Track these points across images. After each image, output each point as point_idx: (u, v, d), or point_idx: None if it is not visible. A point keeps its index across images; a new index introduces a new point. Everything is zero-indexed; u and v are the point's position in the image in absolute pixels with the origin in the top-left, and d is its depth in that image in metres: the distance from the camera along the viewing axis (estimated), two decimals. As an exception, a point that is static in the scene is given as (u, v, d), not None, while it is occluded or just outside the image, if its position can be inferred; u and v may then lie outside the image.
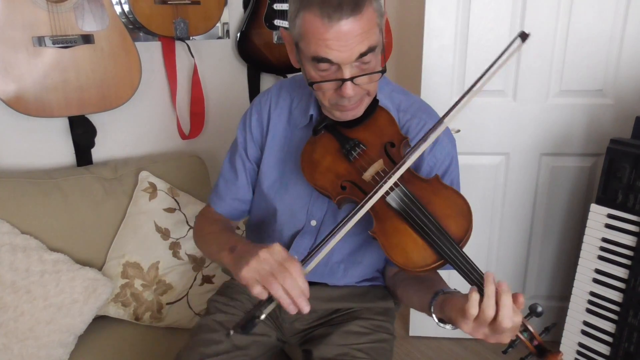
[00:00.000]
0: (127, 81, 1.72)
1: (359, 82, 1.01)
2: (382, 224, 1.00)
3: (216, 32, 2.01)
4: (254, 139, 1.28)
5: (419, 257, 0.97)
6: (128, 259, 1.66)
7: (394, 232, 0.99)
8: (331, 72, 1.00)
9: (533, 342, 0.91)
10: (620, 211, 1.68)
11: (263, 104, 1.28)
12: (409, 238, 0.98)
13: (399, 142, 1.08)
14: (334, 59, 0.97)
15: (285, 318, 1.33)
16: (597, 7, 1.83)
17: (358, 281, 1.31)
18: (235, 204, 1.34)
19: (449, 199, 1.01)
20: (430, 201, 0.99)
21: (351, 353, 1.21)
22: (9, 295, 1.46)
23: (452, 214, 0.98)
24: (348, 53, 0.96)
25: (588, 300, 1.78)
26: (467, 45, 1.94)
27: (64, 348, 1.50)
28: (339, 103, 1.05)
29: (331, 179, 1.08)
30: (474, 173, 2.09)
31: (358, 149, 1.08)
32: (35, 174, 1.67)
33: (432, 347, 2.30)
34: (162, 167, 1.83)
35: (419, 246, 0.97)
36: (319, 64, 0.99)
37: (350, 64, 0.98)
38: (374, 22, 0.98)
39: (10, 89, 1.56)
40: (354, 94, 1.02)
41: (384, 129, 1.10)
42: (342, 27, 0.93)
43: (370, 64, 1.01)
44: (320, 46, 0.96)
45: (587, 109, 1.96)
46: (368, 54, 0.98)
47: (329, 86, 1.02)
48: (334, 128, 1.12)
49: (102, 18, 1.63)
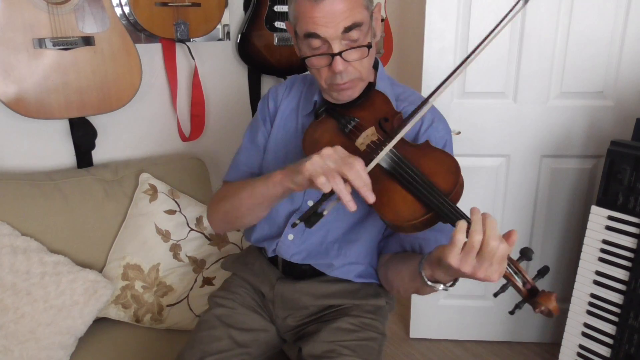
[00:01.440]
0: (127, 83, 1.72)
1: (347, 57, 1.09)
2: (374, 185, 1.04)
3: (217, 34, 2.01)
4: (270, 117, 1.36)
5: (408, 211, 1.01)
6: (128, 261, 1.66)
7: (384, 191, 1.04)
8: (323, 49, 1.10)
9: (525, 285, 0.91)
10: (621, 213, 1.68)
11: (279, 91, 1.38)
12: (398, 194, 1.03)
13: (392, 117, 1.15)
14: (322, 33, 1.07)
15: (278, 314, 1.35)
16: (598, 9, 1.84)
17: (355, 274, 1.31)
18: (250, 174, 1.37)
19: (438, 158, 1.06)
20: (420, 162, 1.05)
21: (338, 350, 1.21)
22: (9, 297, 1.46)
23: (440, 171, 1.03)
24: (334, 28, 1.06)
25: (588, 302, 1.78)
26: (467, 47, 1.94)
27: (65, 350, 1.50)
28: (333, 82, 1.13)
29: None
30: (475, 175, 2.09)
31: (353, 122, 1.15)
32: (36, 176, 1.67)
33: (433, 348, 2.30)
34: (162, 169, 1.83)
35: (408, 201, 1.01)
36: (311, 40, 1.09)
37: (339, 41, 1.08)
38: (359, 1, 1.08)
39: (10, 91, 1.56)
40: (343, 69, 1.10)
41: (379, 107, 1.18)
42: (326, 5, 1.05)
43: (358, 41, 1.10)
44: (309, 23, 1.07)
45: (587, 110, 1.96)
46: (353, 30, 1.08)
47: (321, 62, 1.12)
48: (333, 110, 1.20)
49: (103, 20, 1.63)
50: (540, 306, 0.88)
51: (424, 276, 1.00)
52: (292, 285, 1.32)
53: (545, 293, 0.88)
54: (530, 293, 0.90)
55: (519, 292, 0.91)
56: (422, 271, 1.01)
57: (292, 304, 1.32)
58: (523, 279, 0.90)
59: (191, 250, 1.72)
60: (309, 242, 1.28)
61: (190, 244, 1.72)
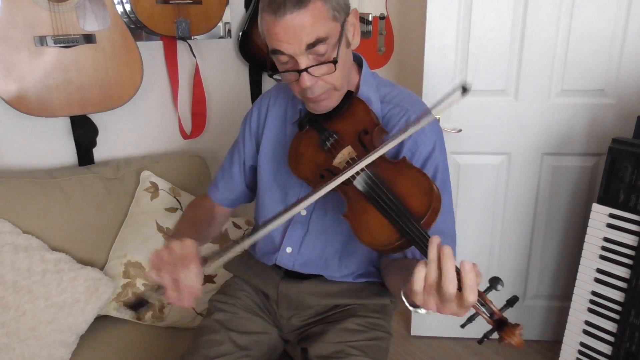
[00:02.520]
0: (128, 81, 1.72)
1: (314, 72, 1.06)
2: (351, 206, 1.05)
3: (218, 32, 2.01)
4: (251, 133, 1.36)
5: (383, 235, 1.00)
6: (130, 259, 1.66)
7: (361, 213, 1.03)
8: (291, 65, 1.08)
9: (493, 317, 0.88)
10: (622, 211, 1.68)
11: (263, 102, 1.36)
12: (374, 218, 1.01)
13: (371, 128, 1.12)
14: (285, 50, 1.04)
15: (282, 314, 1.34)
16: (599, 7, 1.83)
17: (354, 275, 1.31)
18: (226, 193, 1.43)
19: (413, 178, 1.03)
20: (395, 182, 1.03)
21: (346, 350, 1.21)
22: (10, 295, 1.46)
23: (414, 193, 1.01)
24: (296, 44, 1.03)
25: (590, 299, 1.78)
26: (468, 45, 1.93)
27: (66, 348, 1.50)
28: (305, 95, 1.12)
29: (312, 169, 1.15)
30: (476, 173, 2.09)
31: (332, 139, 1.14)
32: (37, 174, 1.67)
33: (434, 346, 2.30)
34: (163, 166, 1.83)
35: (384, 225, 1.00)
36: (278, 56, 1.07)
37: (306, 56, 1.05)
38: (323, 15, 1.04)
39: (12, 89, 1.56)
40: (311, 85, 1.08)
41: (359, 118, 1.15)
42: (287, 21, 1.01)
43: (325, 55, 1.06)
44: (273, 40, 1.05)
45: (588, 108, 1.95)
46: (318, 45, 1.04)
47: (290, 77, 1.10)
48: (315, 122, 1.19)
49: (104, 18, 1.63)
50: (504, 340, 0.86)
51: (405, 302, 0.99)
52: (296, 285, 1.32)
53: (510, 328, 0.86)
54: (497, 324, 0.88)
55: (487, 322, 0.89)
56: (403, 297, 1.00)
57: (296, 303, 1.32)
58: (490, 311, 0.88)
59: (192, 248, 1.72)
60: (308, 255, 1.28)
61: (191, 242, 1.72)
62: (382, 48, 2.29)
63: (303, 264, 1.29)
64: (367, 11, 2.21)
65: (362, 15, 2.19)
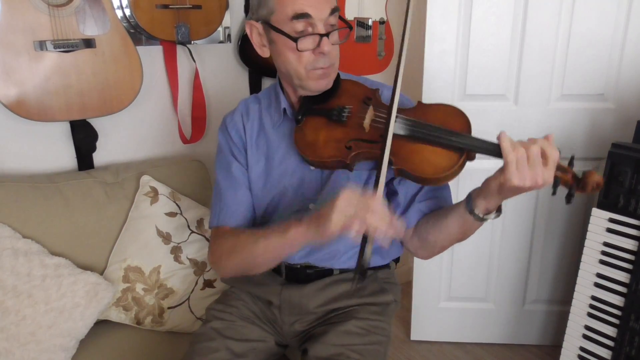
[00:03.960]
0: (128, 85, 1.72)
1: (331, 39, 1.14)
2: (399, 154, 1.09)
3: (217, 37, 2.01)
4: (239, 148, 1.34)
5: (445, 160, 1.08)
6: (129, 263, 1.66)
7: (413, 154, 1.10)
8: (307, 32, 1.13)
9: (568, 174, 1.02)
10: (622, 215, 1.68)
11: (235, 118, 1.37)
12: (427, 151, 1.09)
13: (372, 94, 1.21)
14: (313, 13, 1.10)
15: (285, 320, 1.34)
16: (599, 12, 1.84)
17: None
18: (246, 213, 1.33)
19: (439, 110, 1.15)
20: (428, 117, 1.13)
21: (346, 353, 1.21)
22: (10, 300, 1.46)
23: (448, 118, 1.12)
24: (322, 7, 1.11)
25: (589, 304, 1.78)
26: (468, 50, 1.94)
27: (66, 352, 1.50)
28: (316, 66, 1.15)
29: (334, 146, 1.16)
30: (476, 177, 2.08)
31: (346, 111, 1.18)
32: (37, 178, 1.67)
33: (434, 351, 2.30)
34: (163, 171, 1.83)
35: (440, 153, 1.09)
36: (298, 21, 1.11)
37: (324, 22, 1.12)
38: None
39: (11, 93, 1.56)
40: (329, 51, 1.13)
41: (355, 91, 1.23)
42: None
43: (335, 25, 1.16)
44: (297, 4, 1.10)
45: (588, 113, 1.96)
46: (334, 14, 1.14)
47: (307, 45, 1.13)
48: (312, 110, 1.21)
49: (104, 22, 1.63)
50: (588, 185, 1.00)
51: (478, 213, 1.09)
52: (298, 291, 1.32)
53: (586, 173, 1.00)
54: (575, 179, 1.02)
55: (567, 183, 1.02)
56: (474, 209, 1.09)
57: (299, 309, 1.32)
58: (563, 171, 1.01)
59: (192, 253, 1.72)
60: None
61: (191, 247, 1.72)
62: (382, 52, 2.29)
63: (307, 254, 1.29)
64: (366, 16, 2.21)
65: (362, 20, 2.19)
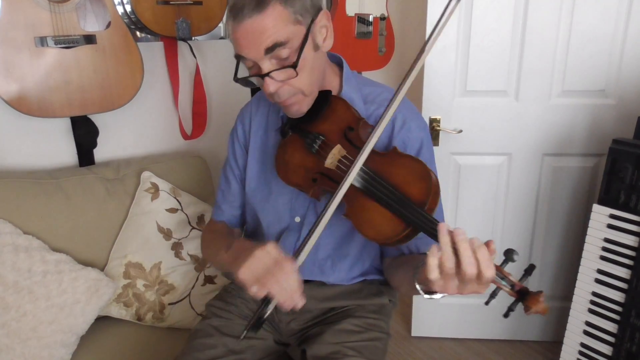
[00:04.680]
0: (129, 81, 1.72)
1: (276, 77, 1.05)
2: (351, 204, 1.05)
3: (218, 32, 2.01)
4: (241, 145, 1.35)
5: (389, 228, 1.00)
6: (130, 259, 1.66)
7: (362, 209, 1.03)
8: (255, 70, 1.08)
9: (514, 288, 0.89)
10: (623, 211, 1.68)
11: (245, 114, 1.36)
12: (376, 212, 1.02)
13: (356, 124, 1.11)
14: (245, 55, 1.04)
15: (282, 319, 1.34)
16: (600, 8, 1.83)
17: (349, 278, 1.31)
18: (232, 211, 1.40)
19: (406, 166, 1.04)
20: (391, 172, 1.03)
21: (343, 351, 1.21)
22: (11, 296, 1.46)
23: (412, 180, 1.01)
24: (255, 49, 1.02)
25: (590, 300, 1.78)
26: (469, 46, 1.94)
27: (66, 348, 1.50)
28: (275, 100, 1.11)
29: (302, 174, 1.14)
30: (477, 173, 2.09)
31: (319, 141, 1.13)
32: (38, 174, 1.67)
33: (434, 347, 2.30)
34: (164, 167, 1.83)
35: (387, 218, 1.00)
36: (242, 61, 1.07)
37: (268, 60, 1.04)
38: (284, 18, 1.02)
39: (12, 90, 1.56)
40: (275, 90, 1.07)
41: (341, 116, 1.14)
42: (246, 25, 1.01)
43: (288, 59, 1.05)
44: (235, 45, 1.05)
45: (589, 109, 1.95)
46: (277, 49, 1.03)
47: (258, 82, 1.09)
48: (297, 127, 1.17)
49: (104, 18, 1.63)
50: (529, 309, 0.87)
51: (419, 289, 1.00)
52: None
53: (533, 295, 0.87)
54: (520, 294, 0.89)
55: (510, 294, 0.90)
56: (417, 284, 1.00)
57: None
58: (510, 283, 0.89)
59: (193, 249, 1.72)
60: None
61: (191, 243, 1.72)
62: (383, 49, 2.29)
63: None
64: (367, 12, 2.21)
65: (363, 16, 2.19)
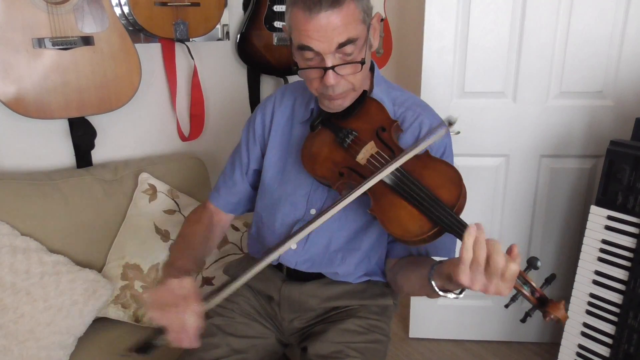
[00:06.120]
0: (127, 83, 1.72)
1: (340, 71, 1.08)
2: (378, 201, 1.06)
3: (216, 34, 2.01)
4: (256, 137, 1.35)
5: (416, 226, 1.02)
6: (128, 261, 1.66)
7: (390, 206, 1.05)
8: (316, 61, 1.09)
9: (534, 294, 0.92)
10: (620, 213, 1.68)
11: (267, 105, 1.36)
12: (404, 210, 1.03)
13: (389, 126, 1.15)
14: (315, 47, 1.05)
15: (284, 317, 1.34)
16: (597, 9, 1.83)
17: (355, 276, 1.31)
18: (228, 197, 1.42)
19: (439, 170, 1.07)
20: (422, 174, 1.06)
21: (345, 351, 1.21)
22: (9, 297, 1.46)
23: (443, 184, 1.04)
24: (327, 43, 1.04)
25: (588, 301, 1.78)
26: (467, 47, 1.94)
27: (64, 350, 1.50)
28: (324, 92, 1.12)
29: (329, 167, 1.15)
30: (474, 174, 2.09)
31: (351, 136, 1.15)
32: (35, 176, 1.67)
33: (432, 349, 2.30)
34: (162, 168, 1.83)
35: (415, 216, 1.02)
36: (304, 52, 1.08)
37: (333, 54, 1.06)
38: (355, 16, 1.06)
39: (10, 91, 1.56)
40: (335, 83, 1.09)
41: (375, 116, 1.17)
42: (321, 19, 1.02)
43: (352, 55, 1.08)
44: (303, 36, 1.05)
45: (587, 110, 1.96)
46: (347, 45, 1.05)
47: (313, 74, 1.11)
48: (328, 121, 1.19)
49: (102, 20, 1.63)
50: (550, 315, 0.90)
51: (435, 287, 1.02)
52: (298, 288, 1.32)
53: (554, 302, 0.90)
54: (539, 301, 0.92)
55: (529, 301, 0.93)
56: (432, 281, 1.02)
57: (298, 306, 1.32)
58: (531, 289, 0.92)
59: (190, 250, 1.72)
60: (312, 252, 1.28)
61: (189, 244, 1.72)
62: (380, 50, 2.29)
63: (306, 261, 1.29)
64: (365, 13, 2.20)
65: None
